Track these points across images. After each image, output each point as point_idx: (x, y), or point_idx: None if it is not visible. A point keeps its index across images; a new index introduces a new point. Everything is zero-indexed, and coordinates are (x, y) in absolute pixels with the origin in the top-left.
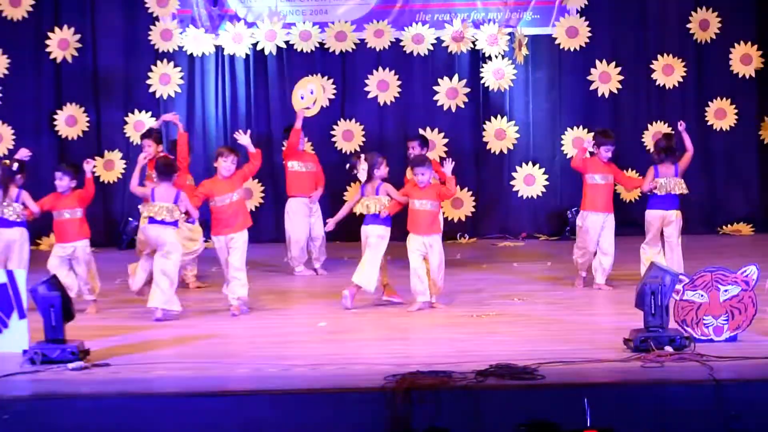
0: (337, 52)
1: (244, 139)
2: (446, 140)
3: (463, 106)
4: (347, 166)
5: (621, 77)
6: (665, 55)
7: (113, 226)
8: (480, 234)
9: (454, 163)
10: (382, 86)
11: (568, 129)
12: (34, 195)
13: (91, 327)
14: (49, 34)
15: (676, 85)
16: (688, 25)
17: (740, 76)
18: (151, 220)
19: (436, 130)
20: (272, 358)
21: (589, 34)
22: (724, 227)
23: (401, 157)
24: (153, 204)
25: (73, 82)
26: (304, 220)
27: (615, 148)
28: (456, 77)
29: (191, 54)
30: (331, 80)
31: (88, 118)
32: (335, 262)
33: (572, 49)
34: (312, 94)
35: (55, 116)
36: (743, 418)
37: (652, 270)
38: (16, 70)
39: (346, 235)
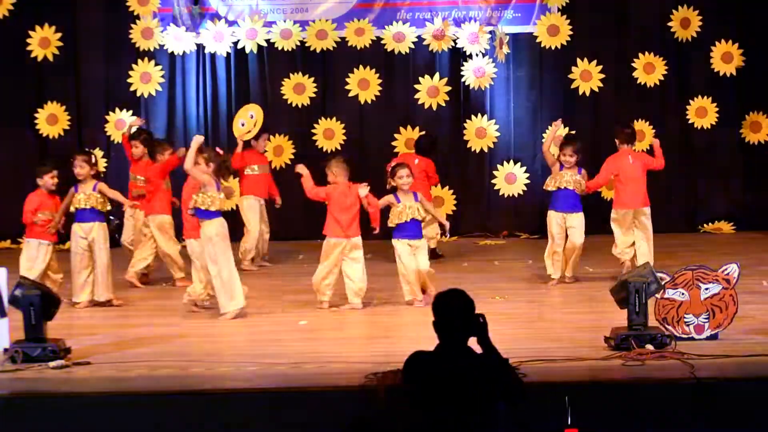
0: (317, 51)
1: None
2: None
3: (443, 104)
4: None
5: (602, 75)
6: (646, 53)
7: None
8: (461, 232)
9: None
10: (363, 85)
11: (549, 127)
12: (14, 193)
13: (72, 326)
14: (30, 32)
15: (657, 83)
16: (669, 24)
17: (721, 74)
18: (213, 214)
19: (417, 128)
20: (252, 357)
21: (570, 33)
22: (705, 225)
23: (383, 155)
24: (217, 194)
25: (53, 81)
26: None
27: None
28: (437, 75)
29: (172, 52)
30: (312, 78)
31: (69, 117)
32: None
33: (553, 48)
34: (252, 117)
35: (36, 114)
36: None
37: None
38: None
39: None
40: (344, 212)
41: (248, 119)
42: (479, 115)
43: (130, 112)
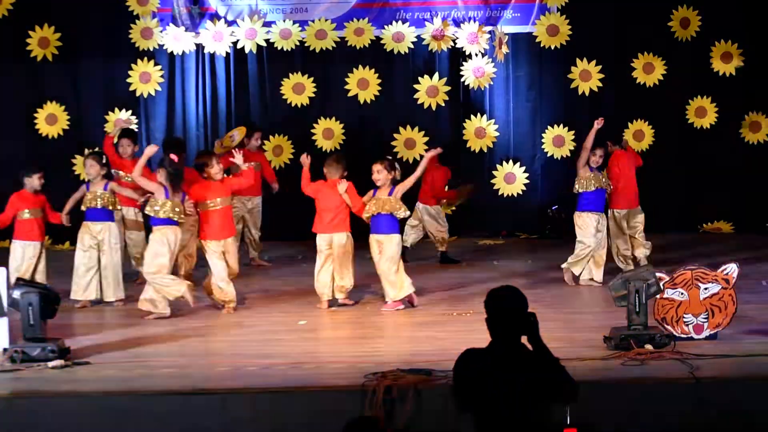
0: (317, 51)
1: (238, 158)
2: (426, 138)
3: (443, 104)
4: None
5: (601, 75)
6: (645, 53)
7: None
8: (460, 232)
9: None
10: (363, 84)
11: (549, 127)
12: (10, 193)
13: (72, 326)
14: (30, 32)
15: (657, 83)
16: (669, 23)
17: (721, 74)
18: (160, 221)
19: (417, 128)
20: (252, 357)
21: (570, 32)
22: (704, 225)
23: (382, 155)
24: (166, 201)
25: (53, 81)
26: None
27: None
28: (436, 75)
29: (171, 52)
30: (311, 78)
31: (68, 117)
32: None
33: (553, 47)
34: (234, 141)
35: (36, 114)
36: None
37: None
38: None
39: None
40: (328, 209)
41: (234, 140)
42: (479, 115)
43: (129, 111)
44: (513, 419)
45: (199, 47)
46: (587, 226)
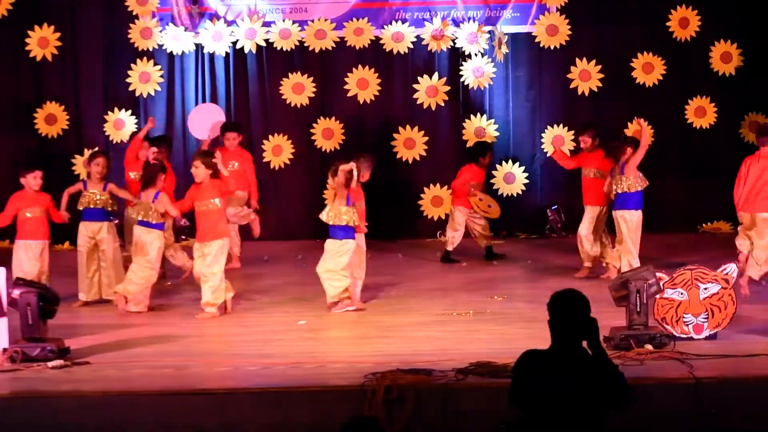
0: (316, 51)
1: (216, 160)
2: (426, 138)
3: (443, 104)
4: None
5: (601, 75)
6: (645, 53)
7: None
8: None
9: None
10: (362, 84)
11: (548, 127)
12: (11, 193)
13: (72, 326)
14: (29, 32)
15: (656, 83)
16: (668, 23)
17: (720, 74)
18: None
19: (416, 128)
20: (252, 357)
21: (569, 32)
22: (704, 225)
23: (382, 155)
24: (138, 203)
25: (53, 80)
26: None
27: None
28: (436, 75)
29: (171, 52)
30: (311, 78)
31: (68, 117)
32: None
33: (552, 47)
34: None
35: (35, 114)
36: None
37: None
38: None
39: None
40: None
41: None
42: (478, 114)
43: (129, 111)
44: (563, 420)
45: (199, 47)
46: (640, 224)
